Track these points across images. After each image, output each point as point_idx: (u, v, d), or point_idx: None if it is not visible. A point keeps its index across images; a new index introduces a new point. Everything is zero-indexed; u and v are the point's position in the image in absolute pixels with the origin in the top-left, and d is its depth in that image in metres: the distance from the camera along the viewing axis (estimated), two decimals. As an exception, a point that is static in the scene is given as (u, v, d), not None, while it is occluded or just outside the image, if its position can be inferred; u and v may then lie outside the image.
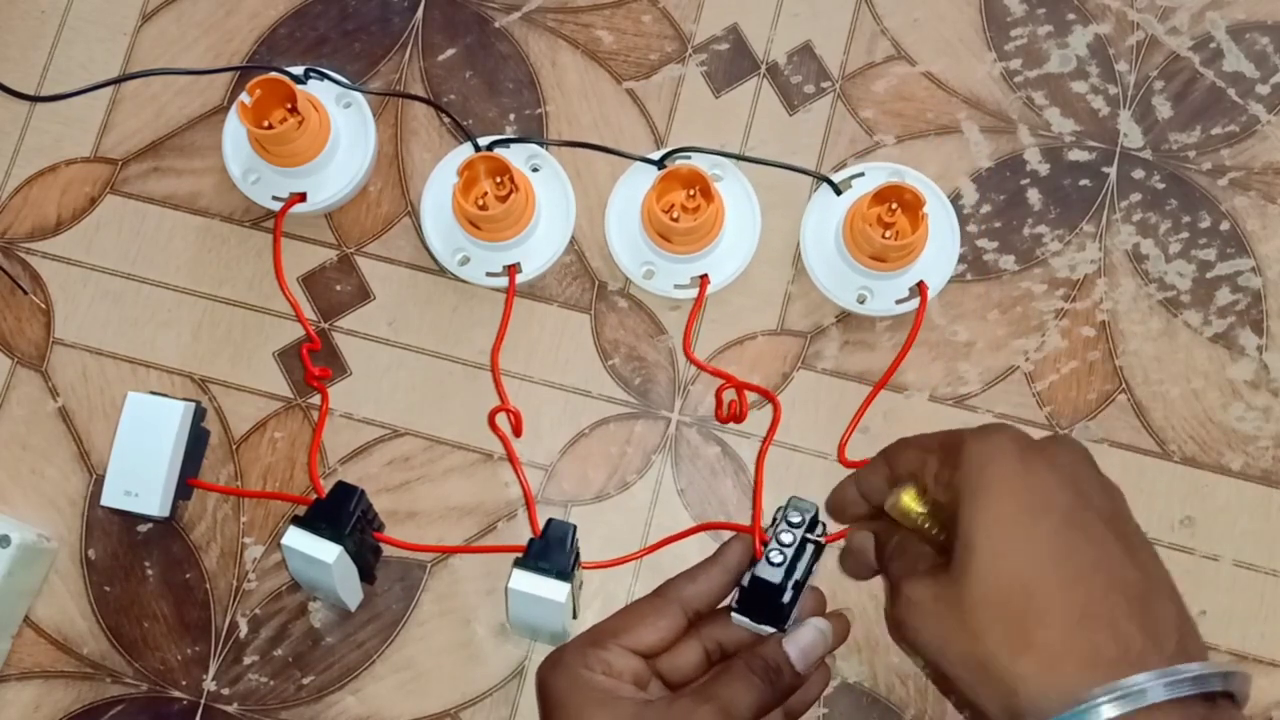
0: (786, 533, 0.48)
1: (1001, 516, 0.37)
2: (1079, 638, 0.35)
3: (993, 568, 0.37)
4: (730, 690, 0.43)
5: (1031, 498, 0.37)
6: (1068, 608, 0.35)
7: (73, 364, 0.56)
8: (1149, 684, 0.33)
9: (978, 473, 0.38)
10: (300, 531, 0.48)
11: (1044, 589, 0.36)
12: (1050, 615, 0.35)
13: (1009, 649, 0.35)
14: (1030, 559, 0.36)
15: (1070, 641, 0.35)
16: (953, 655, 0.37)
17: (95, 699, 0.53)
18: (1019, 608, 0.36)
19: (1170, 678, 0.33)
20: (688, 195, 0.53)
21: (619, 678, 0.44)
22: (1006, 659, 0.35)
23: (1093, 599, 0.35)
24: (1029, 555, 0.36)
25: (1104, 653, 0.34)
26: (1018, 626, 0.35)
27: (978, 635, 0.36)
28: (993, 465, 0.38)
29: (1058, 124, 0.58)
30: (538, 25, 0.59)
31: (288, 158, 0.55)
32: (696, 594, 0.47)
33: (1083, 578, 0.36)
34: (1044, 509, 0.37)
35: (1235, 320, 0.56)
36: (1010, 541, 0.37)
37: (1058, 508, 0.37)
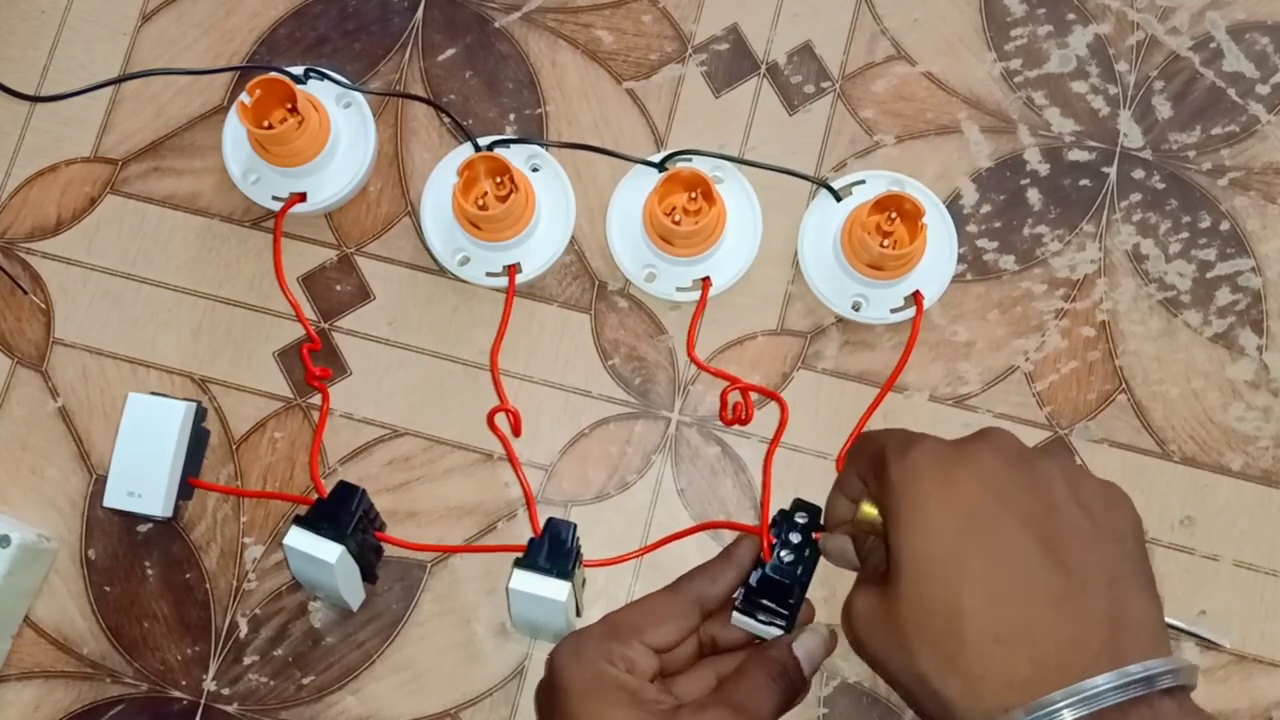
0: (795, 533, 0.49)
1: (924, 537, 0.37)
2: (995, 659, 0.35)
3: (918, 590, 0.37)
4: (756, 701, 0.44)
5: (950, 515, 0.37)
6: (984, 629, 0.35)
7: (73, 364, 0.56)
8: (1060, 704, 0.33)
9: (899, 494, 0.38)
10: (302, 531, 0.48)
11: (965, 610, 0.36)
12: (969, 637, 0.35)
13: (937, 669, 0.36)
14: (951, 579, 0.36)
15: (987, 664, 0.35)
16: (892, 668, 0.38)
17: (95, 699, 0.53)
18: (942, 629, 0.36)
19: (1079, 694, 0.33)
20: (689, 198, 0.53)
21: (640, 676, 0.44)
22: (936, 679, 0.36)
23: (1010, 616, 0.35)
24: (950, 576, 0.36)
25: (1019, 673, 0.34)
26: (943, 648, 0.36)
27: (911, 654, 0.37)
28: (912, 485, 0.38)
29: (1058, 124, 0.58)
30: (538, 25, 0.59)
31: (288, 158, 0.55)
32: (714, 594, 0.48)
33: (1001, 594, 0.36)
34: (964, 526, 0.37)
35: (1235, 320, 0.56)
36: (932, 563, 0.37)
37: (978, 521, 0.37)
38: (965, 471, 0.38)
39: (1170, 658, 0.34)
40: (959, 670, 0.35)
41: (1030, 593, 0.36)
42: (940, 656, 0.36)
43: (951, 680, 0.36)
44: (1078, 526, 0.37)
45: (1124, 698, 0.33)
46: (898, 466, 0.39)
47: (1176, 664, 0.34)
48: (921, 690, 0.37)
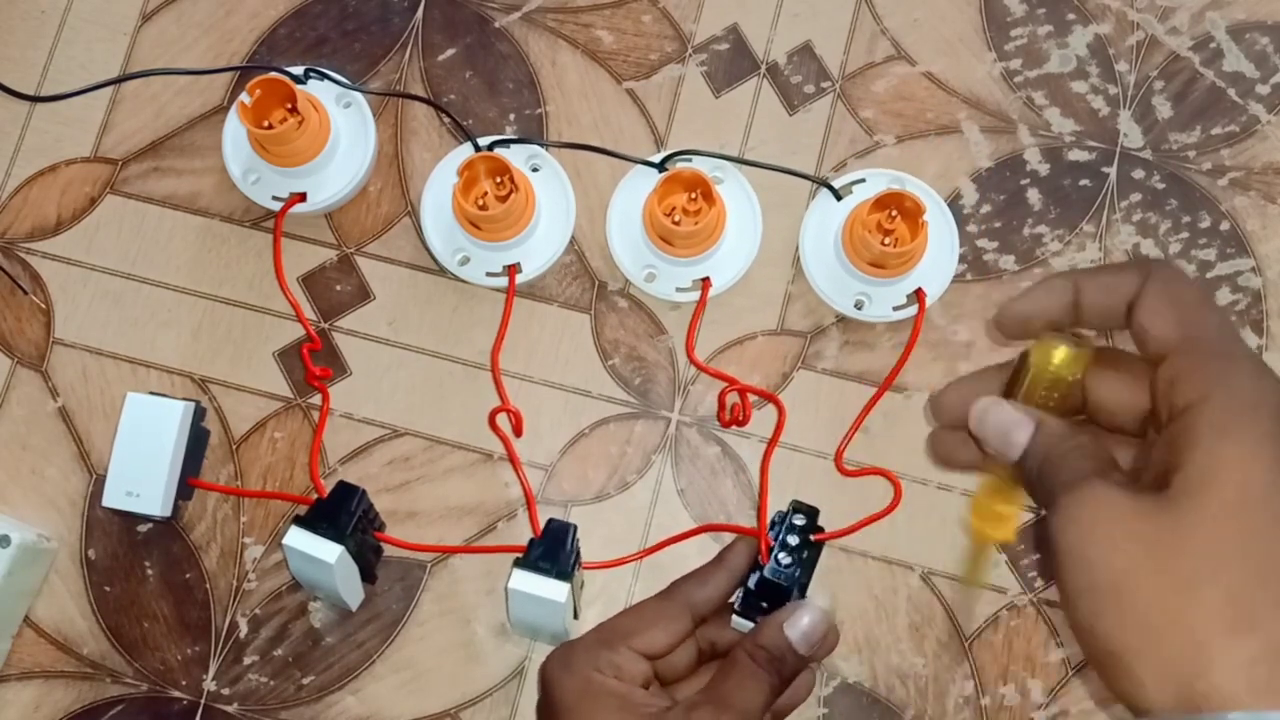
0: (793, 535, 0.48)
1: (1256, 480, 0.29)
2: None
3: (1232, 528, 0.29)
4: (744, 692, 0.42)
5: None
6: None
7: (73, 364, 0.56)
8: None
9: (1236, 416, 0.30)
10: (302, 531, 0.48)
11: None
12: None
13: (1222, 621, 0.28)
14: (1272, 534, 0.29)
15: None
16: (1132, 590, 0.29)
17: (95, 699, 0.53)
18: (1251, 583, 0.28)
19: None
20: (689, 198, 0.53)
21: (630, 682, 0.43)
22: (1216, 630, 0.28)
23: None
24: (1273, 528, 0.29)
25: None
26: (1243, 602, 0.28)
27: (1183, 587, 0.29)
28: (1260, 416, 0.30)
29: (1058, 124, 0.58)
30: (538, 25, 0.59)
31: (288, 158, 0.55)
32: (706, 598, 0.47)
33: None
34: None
35: (1235, 320, 0.56)
36: (1261, 511, 0.29)
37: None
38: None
39: None
40: (1261, 633, 0.28)
41: None
42: (1233, 608, 0.28)
43: (1243, 641, 0.28)
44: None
45: None
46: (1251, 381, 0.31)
47: None
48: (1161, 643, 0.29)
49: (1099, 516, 0.30)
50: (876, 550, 0.54)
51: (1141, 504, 0.30)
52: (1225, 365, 0.31)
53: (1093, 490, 0.31)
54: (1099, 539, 0.30)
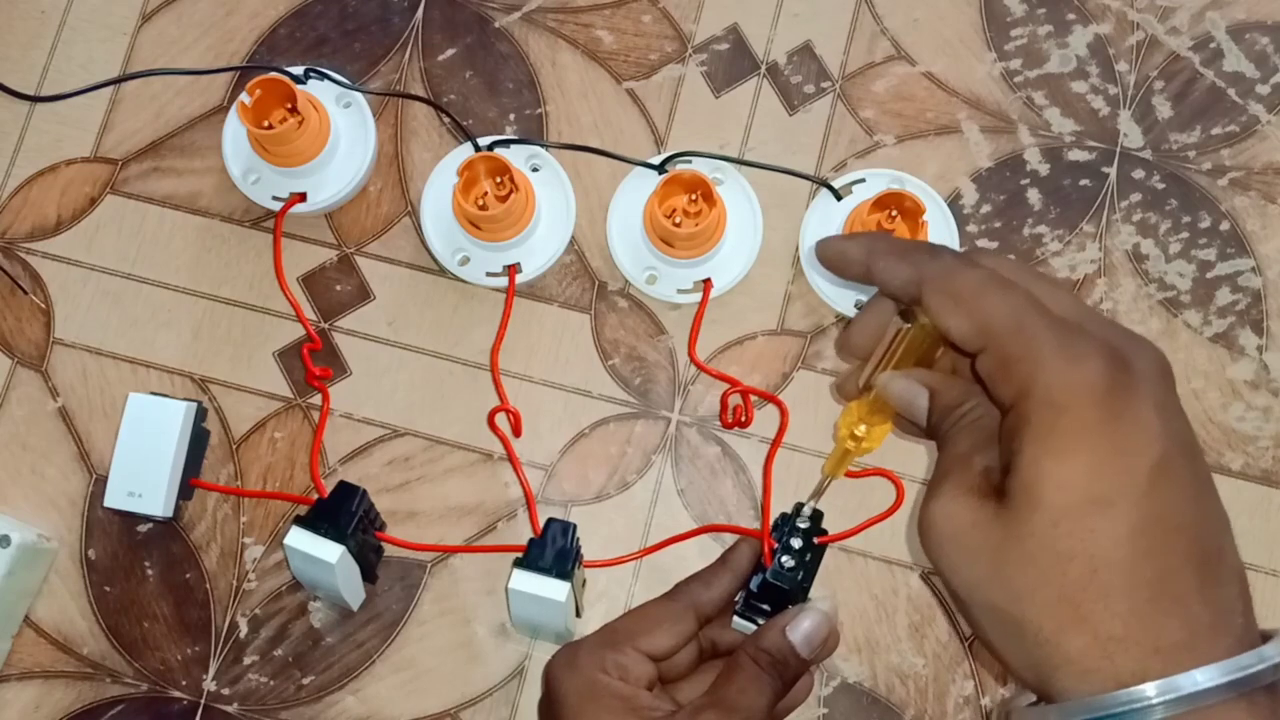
0: (796, 538, 0.48)
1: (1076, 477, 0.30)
2: (1144, 621, 0.30)
3: (1057, 528, 0.30)
4: (747, 695, 0.42)
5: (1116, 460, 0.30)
6: (1137, 586, 0.30)
7: (73, 364, 0.56)
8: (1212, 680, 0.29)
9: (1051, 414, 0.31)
10: (302, 531, 0.48)
11: (1113, 563, 0.30)
12: (1115, 593, 0.30)
13: (1057, 621, 0.30)
14: (1103, 530, 0.30)
15: (1134, 624, 0.30)
16: (983, 603, 0.32)
17: (95, 699, 0.53)
18: (1079, 580, 0.30)
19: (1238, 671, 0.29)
20: (690, 200, 0.53)
21: (635, 684, 0.43)
22: (1051, 630, 0.30)
23: (1166, 575, 0.30)
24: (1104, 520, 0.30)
25: (1168, 637, 0.30)
26: (1073, 600, 0.30)
27: (1019, 594, 0.31)
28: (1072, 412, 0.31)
29: (1058, 124, 0.58)
30: (538, 25, 0.59)
31: (288, 158, 0.55)
32: (710, 600, 0.47)
33: (1157, 550, 0.30)
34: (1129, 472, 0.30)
35: (1235, 320, 0.56)
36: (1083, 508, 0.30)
37: (1148, 462, 0.30)
38: (1143, 401, 0.31)
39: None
40: (1089, 626, 0.30)
41: (1188, 547, 0.30)
42: (1066, 607, 0.30)
43: (1073, 637, 0.30)
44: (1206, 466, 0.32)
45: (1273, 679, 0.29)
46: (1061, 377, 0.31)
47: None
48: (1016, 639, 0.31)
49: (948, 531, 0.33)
50: (876, 550, 0.54)
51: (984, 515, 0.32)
52: (1029, 360, 0.32)
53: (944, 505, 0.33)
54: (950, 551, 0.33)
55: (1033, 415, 0.31)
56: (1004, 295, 0.33)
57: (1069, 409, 0.31)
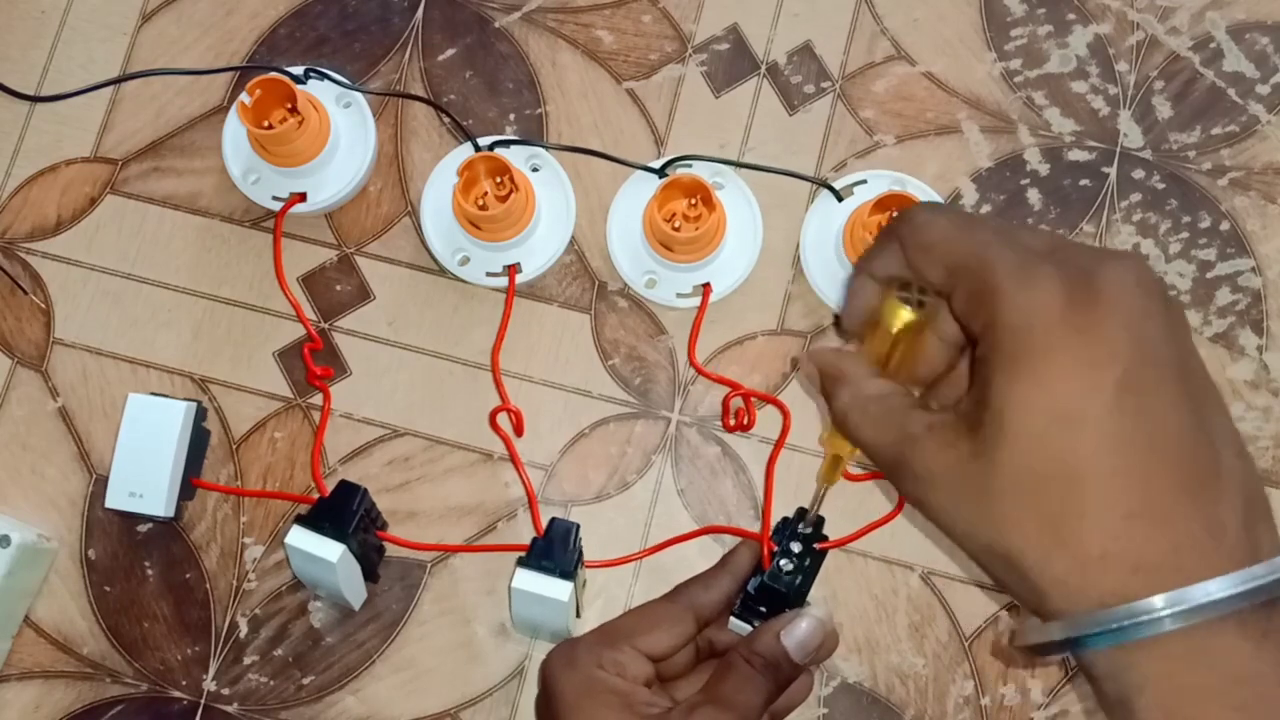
0: (797, 542, 0.49)
1: (1042, 397, 0.30)
2: (1123, 537, 0.29)
3: (1028, 452, 0.30)
4: (743, 693, 0.42)
5: (1080, 374, 0.30)
6: (1113, 501, 0.29)
7: (73, 364, 0.56)
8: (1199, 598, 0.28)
9: (1015, 335, 0.31)
10: (304, 530, 0.48)
11: (1088, 478, 0.30)
12: (1092, 510, 0.30)
13: (1040, 547, 0.30)
14: (1074, 447, 0.30)
15: (1112, 542, 0.29)
16: (977, 544, 0.32)
17: (95, 699, 0.53)
18: (1056, 501, 0.30)
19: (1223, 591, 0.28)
20: (689, 204, 0.53)
21: (633, 681, 0.43)
22: (1036, 558, 0.30)
23: (1146, 488, 0.29)
24: (1078, 437, 0.30)
25: (1150, 554, 0.29)
26: (1052, 522, 0.30)
27: (1004, 527, 0.31)
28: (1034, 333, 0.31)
29: (1058, 124, 0.58)
30: (538, 25, 0.59)
31: (288, 158, 0.55)
32: (709, 602, 0.47)
33: (1135, 463, 0.30)
34: (1095, 386, 0.30)
35: (1235, 320, 0.56)
36: (1055, 420, 0.30)
37: (1114, 375, 0.30)
38: (1108, 317, 0.30)
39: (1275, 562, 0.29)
40: (1071, 548, 0.30)
41: (1170, 462, 0.30)
42: (1047, 531, 0.30)
43: (1059, 560, 0.30)
44: (1208, 382, 0.31)
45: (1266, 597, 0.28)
46: (1017, 298, 0.31)
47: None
48: (1011, 571, 0.31)
49: (929, 490, 0.33)
50: (876, 550, 0.54)
51: (959, 461, 0.32)
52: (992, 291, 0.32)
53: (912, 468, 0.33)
54: (939, 510, 0.33)
55: (997, 343, 0.31)
56: (967, 234, 0.33)
57: (1030, 331, 0.31)
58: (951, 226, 0.34)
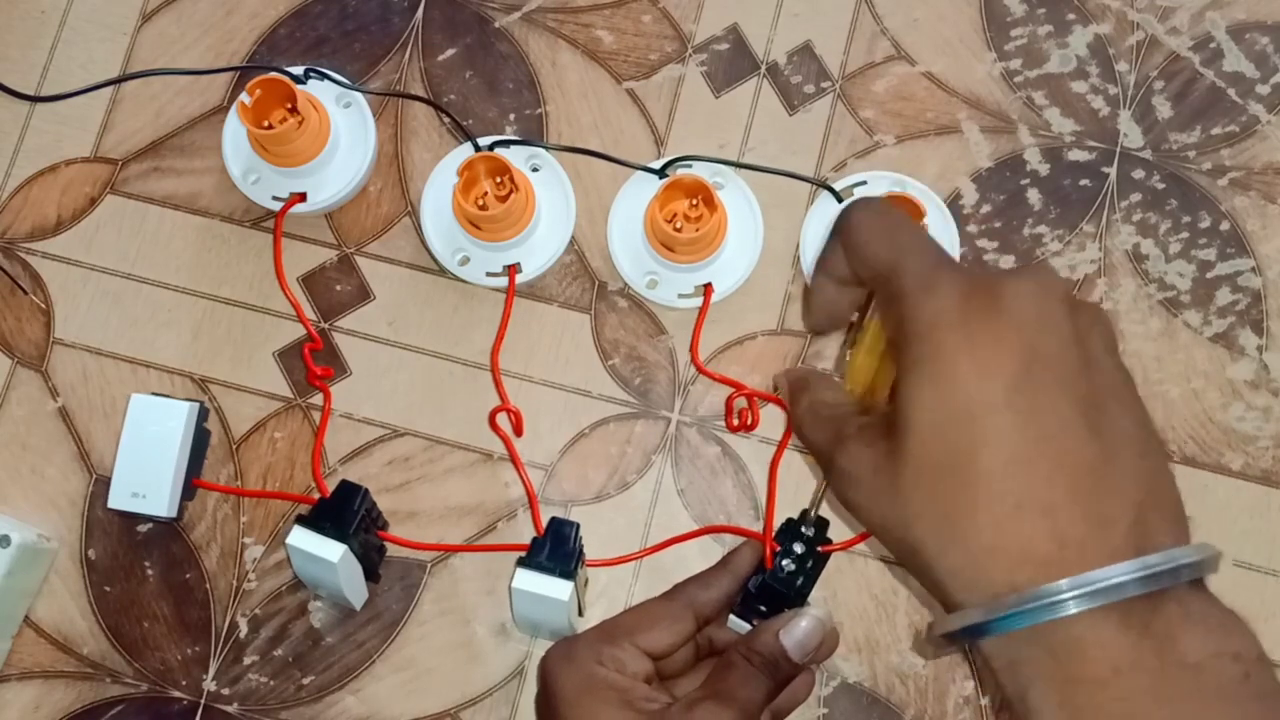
0: (799, 543, 0.49)
1: (941, 396, 0.32)
2: (1010, 530, 0.31)
3: (928, 445, 0.32)
4: (743, 689, 0.42)
5: (977, 368, 0.32)
6: (1001, 494, 0.31)
7: (73, 364, 0.56)
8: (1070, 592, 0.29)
9: (917, 339, 0.33)
10: (305, 530, 0.48)
11: (983, 471, 0.31)
12: (983, 503, 0.31)
13: (938, 539, 0.32)
14: (971, 436, 0.31)
15: (999, 536, 0.31)
16: (891, 537, 0.34)
17: (95, 699, 0.53)
18: (952, 495, 0.32)
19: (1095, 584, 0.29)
20: (690, 205, 0.53)
21: (632, 678, 0.43)
22: (935, 549, 0.32)
23: (1035, 483, 0.31)
24: (970, 432, 0.31)
25: (1036, 549, 0.30)
26: (949, 514, 0.32)
27: (909, 520, 0.33)
28: (933, 337, 0.32)
29: (1058, 124, 0.58)
30: (538, 25, 0.59)
31: (288, 158, 0.55)
32: (709, 601, 0.47)
33: (1026, 457, 0.31)
34: (991, 379, 0.31)
35: (1235, 320, 0.56)
36: (950, 416, 0.32)
37: (1006, 376, 0.31)
38: (1002, 321, 0.32)
39: (1198, 545, 0.31)
40: (963, 540, 0.31)
41: (1060, 458, 0.31)
42: (944, 523, 0.32)
43: (953, 551, 0.32)
44: (1116, 386, 0.33)
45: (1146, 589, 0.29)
46: (920, 303, 0.33)
47: (1204, 553, 0.31)
48: (918, 564, 0.33)
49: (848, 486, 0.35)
50: (877, 550, 0.54)
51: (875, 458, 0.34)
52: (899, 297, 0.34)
53: (836, 462, 0.35)
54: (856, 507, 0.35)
55: (905, 345, 0.33)
56: (888, 238, 0.35)
57: (929, 335, 0.32)
58: (876, 229, 0.36)
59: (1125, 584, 0.29)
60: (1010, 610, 0.30)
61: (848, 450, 0.35)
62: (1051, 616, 0.30)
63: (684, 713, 0.41)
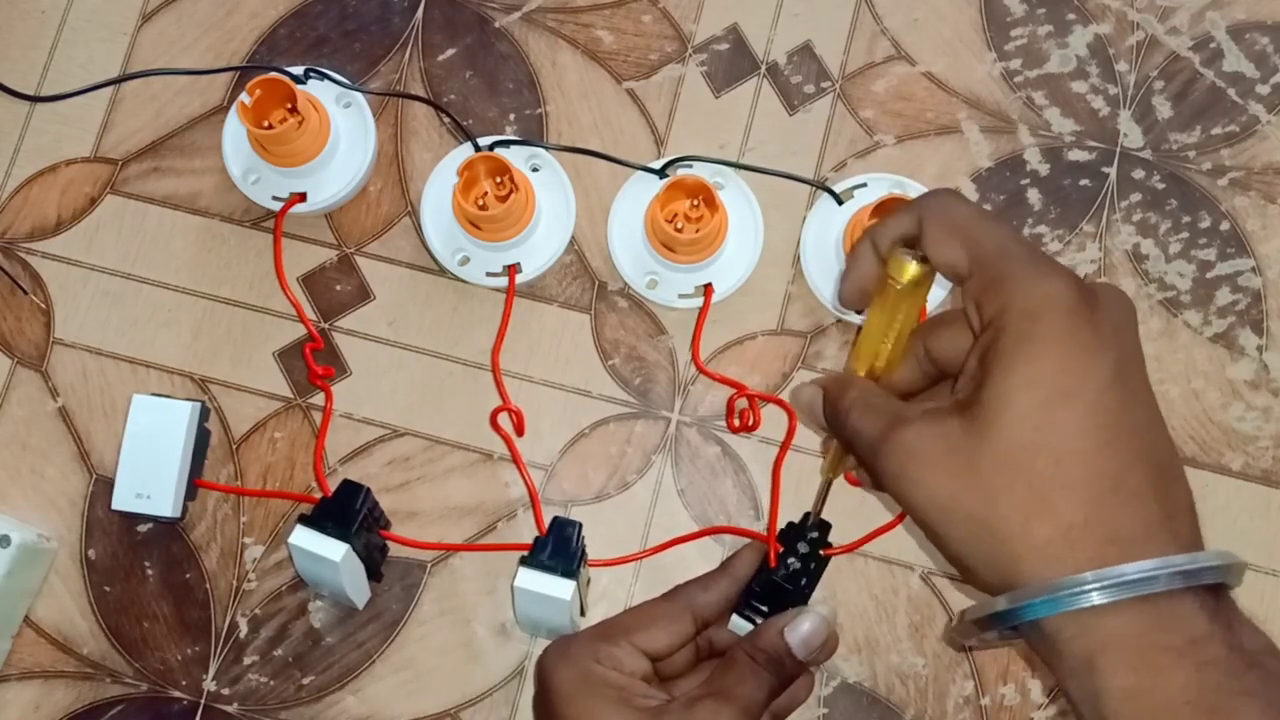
0: (803, 543, 0.49)
1: (1044, 374, 0.34)
2: (1103, 510, 0.33)
3: (1026, 426, 0.33)
4: (744, 687, 0.42)
5: (1079, 358, 0.34)
6: (1098, 476, 0.33)
7: (73, 364, 0.56)
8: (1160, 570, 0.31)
9: (1026, 322, 0.34)
10: (307, 530, 0.48)
11: (1076, 454, 0.33)
12: (1078, 482, 0.33)
13: (1024, 514, 0.33)
14: (1068, 422, 0.33)
15: (1093, 513, 0.33)
16: (957, 512, 0.35)
17: (95, 699, 0.53)
18: (1045, 471, 0.33)
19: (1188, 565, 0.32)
20: (691, 205, 0.53)
21: (630, 676, 0.43)
22: (1018, 524, 0.33)
23: (1124, 469, 0.33)
24: (1067, 418, 0.33)
25: (1125, 529, 0.32)
26: (1040, 491, 0.33)
27: (991, 495, 0.34)
28: (1045, 319, 0.34)
29: (1058, 124, 0.58)
30: (538, 25, 0.59)
31: (288, 158, 0.55)
32: (708, 603, 0.47)
33: (1117, 444, 0.33)
34: (1091, 370, 0.33)
35: (1235, 320, 0.56)
36: (1050, 402, 0.33)
37: (1104, 368, 0.34)
38: (1105, 315, 0.34)
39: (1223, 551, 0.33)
40: (1054, 516, 0.33)
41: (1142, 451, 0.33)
42: (1033, 499, 0.33)
43: (1039, 527, 0.33)
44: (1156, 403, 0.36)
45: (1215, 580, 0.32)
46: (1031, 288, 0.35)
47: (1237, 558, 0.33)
48: (985, 538, 0.34)
49: (913, 462, 0.35)
50: (876, 550, 0.54)
51: (949, 436, 0.35)
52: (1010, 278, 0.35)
53: (901, 440, 0.36)
54: (919, 483, 0.35)
55: (1009, 325, 0.35)
56: (992, 226, 0.37)
57: (1041, 316, 0.34)
58: (976, 214, 0.37)
59: (1202, 571, 0.32)
60: (1109, 581, 0.32)
61: (914, 427, 0.36)
62: (1143, 591, 0.31)
63: (684, 710, 0.41)
